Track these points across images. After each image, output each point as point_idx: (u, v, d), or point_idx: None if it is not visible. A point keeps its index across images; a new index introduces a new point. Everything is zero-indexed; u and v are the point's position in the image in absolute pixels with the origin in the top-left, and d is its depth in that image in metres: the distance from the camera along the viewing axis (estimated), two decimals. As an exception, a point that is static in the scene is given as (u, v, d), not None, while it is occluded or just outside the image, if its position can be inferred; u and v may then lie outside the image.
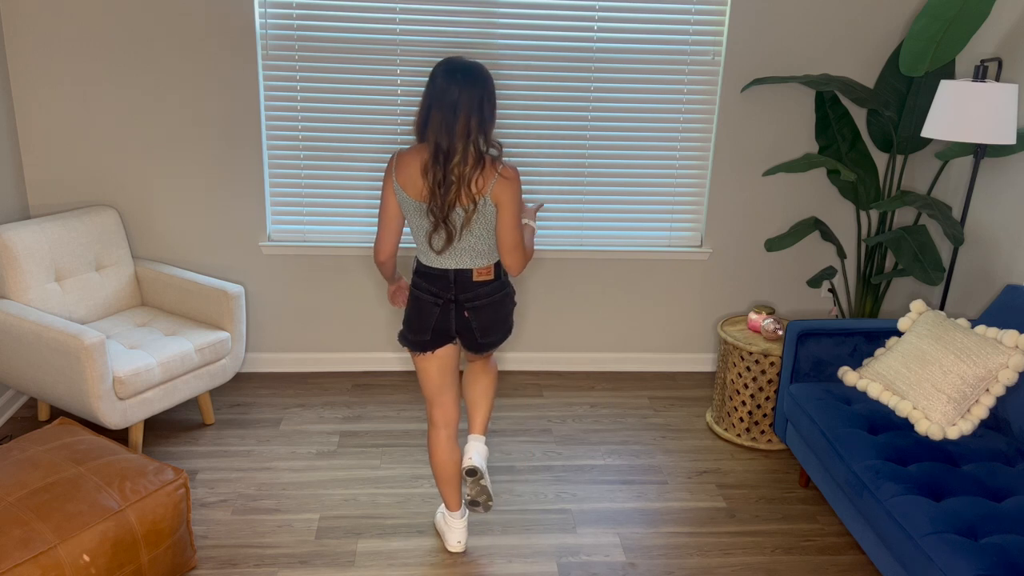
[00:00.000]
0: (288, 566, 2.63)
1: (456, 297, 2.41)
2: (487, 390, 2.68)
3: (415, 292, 2.46)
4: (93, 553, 2.19)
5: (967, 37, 3.06)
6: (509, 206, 2.30)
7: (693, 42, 3.64)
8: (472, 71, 2.24)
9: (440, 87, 2.23)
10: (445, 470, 2.61)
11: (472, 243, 2.35)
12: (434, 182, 2.26)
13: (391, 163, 2.36)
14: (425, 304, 2.44)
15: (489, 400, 2.69)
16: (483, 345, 2.50)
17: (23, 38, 3.36)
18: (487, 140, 2.29)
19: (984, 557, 2.08)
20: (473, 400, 2.68)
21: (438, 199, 2.27)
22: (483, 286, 2.40)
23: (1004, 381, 2.67)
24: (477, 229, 2.33)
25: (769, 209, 3.92)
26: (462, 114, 2.21)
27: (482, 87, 2.24)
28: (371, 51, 3.53)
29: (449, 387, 2.58)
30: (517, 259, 2.36)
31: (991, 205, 3.37)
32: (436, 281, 2.41)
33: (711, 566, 2.71)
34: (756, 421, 3.40)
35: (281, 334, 3.92)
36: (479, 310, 2.42)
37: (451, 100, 2.21)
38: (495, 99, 2.29)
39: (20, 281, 3.11)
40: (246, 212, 3.69)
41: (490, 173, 2.27)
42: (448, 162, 2.24)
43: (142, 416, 3.04)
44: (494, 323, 2.45)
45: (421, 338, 2.48)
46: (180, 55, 3.45)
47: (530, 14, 3.53)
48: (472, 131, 2.24)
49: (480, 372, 2.68)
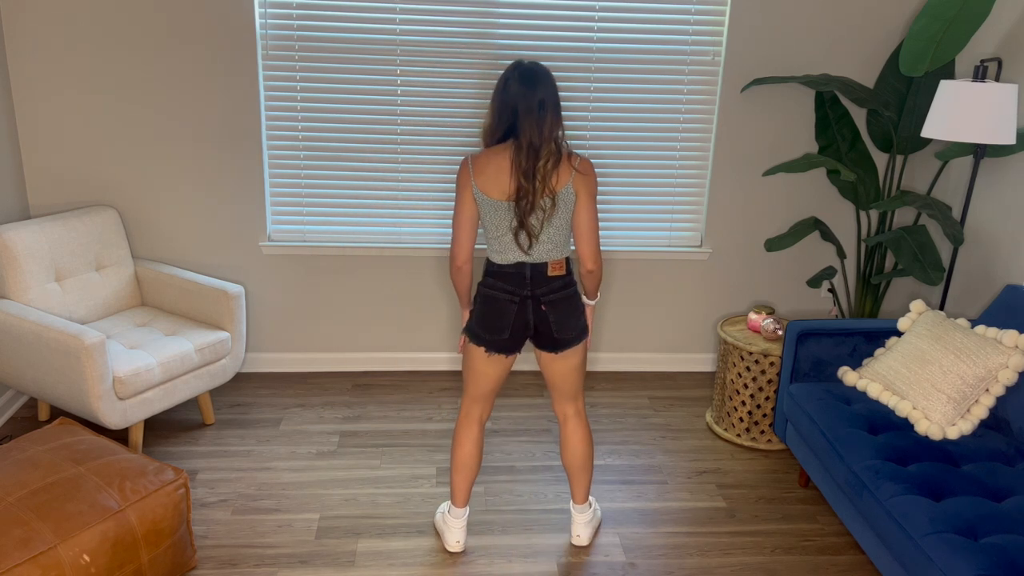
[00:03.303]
0: (288, 566, 2.63)
1: (532, 293, 2.45)
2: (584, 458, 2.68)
3: (488, 292, 2.48)
4: (93, 553, 2.19)
5: (967, 37, 3.06)
6: (587, 196, 2.39)
7: (693, 42, 3.64)
8: (547, 73, 2.36)
9: (520, 90, 2.32)
10: (467, 462, 2.66)
11: (551, 235, 2.41)
12: (522, 181, 2.33)
13: (466, 167, 2.41)
14: (502, 303, 2.46)
15: (589, 457, 2.69)
16: (559, 341, 2.50)
17: (23, 38, 3.36)
18: (563, 136, 2.41)
19: (984, 557, 2.08)
20: (571, 468, 2.70)
21: (529, 196, 2.34)
22: (556, 280, 2.45)
23: (1004, 381, 2.67)
24: (558, 221, 2.40)
25: (769, 209, 3.92)
26: (548, 113, 2.32)
27: (556, 88, 2.36)
28: (371, 51, 3.53)
29: (494, 393, 2.64)
30: (596, 246, 2.45)
31: (991, 205, 3.37)
32: (511, 279, 2.45)
33: (711, 566, 2.71)
34: (756, 421, 3.40)
35: (281, 334, 3.92)
36: (555, 304, 2.46)
37: (537, 100, 2.31)
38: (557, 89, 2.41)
39: (20, 281, 3.11)
40: (246, 212, 3.69)
41: (567, 166, 2.37)
42: (538, 160, 2.33)
43: (142, 416, 3.04)
44: (569, 318, 2.48)
45: (499, 337, 2.48)
46: (180, 55, 3.45)
47: (530, 14, 3.53)
48: (554, 126, 2.35)
49: (571, 434, 2.66)
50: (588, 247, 2.44)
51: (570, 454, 2.68)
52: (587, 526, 2.77)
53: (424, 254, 3.83)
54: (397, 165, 3.70)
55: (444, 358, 4.03)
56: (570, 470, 2.71)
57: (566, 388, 2.60)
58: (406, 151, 3.68)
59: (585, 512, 2.77)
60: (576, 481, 2.72)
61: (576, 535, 2.77)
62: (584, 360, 2.60)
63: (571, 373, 2.58)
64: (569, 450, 2.67)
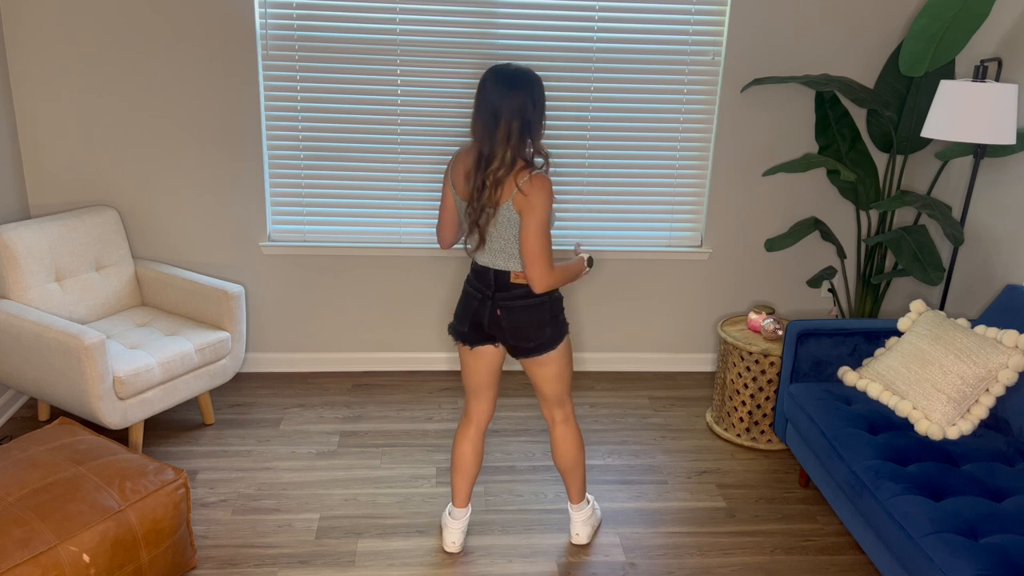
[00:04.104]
0: (288, 566, 2.63)
1: (493, 295, 2.45)
2: (574, 462, 2.69)
3: (465, 285, 2.55)
4: (93, 553, 2.19)
5: (967, 37, 3.06)
6: (530, 215, 2.29)
7: (693, 42, 3.64)
8: (515, 77, 2.27)
9: (483, 93, 2.29)
10: (463, 463, 2.67)
11: (502, 246, 2.39)
12: (472, 185, 2.33)
13: (452, 159, 2.46)
14: (470, 297, 2.51)
15: (579, 463, 2.70)
16: (516, 349, 2.50)
17: (24, 38, 3.36)
18: (534, 146, 2.32)
19: (984, 557, 2.08)
20: (562, 470, 2.73)
21: (474, 201, 2.34)
22: (518, 288, 2.43)
23: (1004, 381, 2.67)
24: (506, 233, 2.36)
25: (769, 209, 3.92)
26: (503, 120, 2.25)
27: (525, 92, 2.26)
28: (371, 51, 3.53)
29: (486, 388, 2.63)
30: (537, 271, 2.33)
31: (991, 205, 3.37)
32: (481, 277, 2.47)
33: (711, 566, 2.71)
34: (756, 421, 3.40)
35: (281, 334, 3.92)
36: (511, 310, 2.44)
37: (493, 105, 2.26)
38: (541, 104, 2.30)
39: (20, 281, 3.11)
40: (246, 212, 3.69)
41: (512, 183, 2.29)
42: (488, 166, 2.29)
43: (142, 416, 3.04)
44: (524, 326, 2.44)
45: (462, 328, 2.54)
46: (180, 55, 3.45)
47: (530, 14, 3.53)
48: (512, 136, 2.26)
49: (560, 439, 2.67)
50: (531, 271, 2.33)
51: (559, 457, 2.69)
52: (584, 524, 2.78)
53: (424, 254, 3.83)
54: (397, 165, 3.70)
55: (444, 358, 4.03)
56: (561, 472, 2.73)
57: (547, 394, 2.59)
58: (406, 151, 3.68)
59: (582, 511, 2.78)
60: (568, 481, 2.73)
61: (575, 534, 2.78)
62: (562, 371, 2.55)
63: (548, 382, 2.56)
64: (558, 453, 2.68)
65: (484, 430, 2.68)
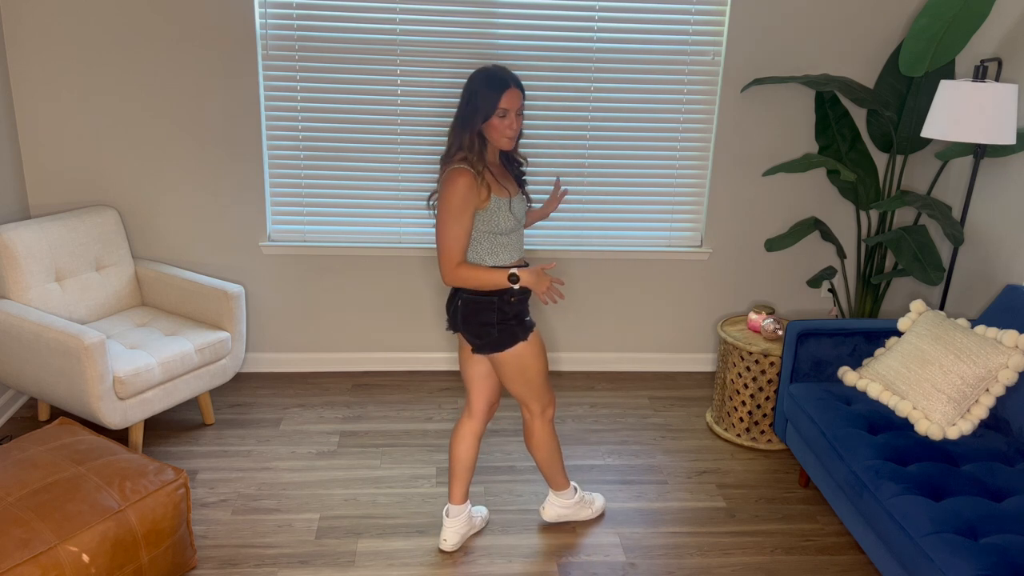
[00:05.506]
0: (288, 566, 2.63)
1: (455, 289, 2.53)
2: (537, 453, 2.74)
3: None
4: (93, 553, 2.19)
5: (967, 37, 3.06)
6: (439, 206, 2.39)
7: (693, 42, 3.64)
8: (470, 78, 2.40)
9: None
10: (454, 458, 2.71)
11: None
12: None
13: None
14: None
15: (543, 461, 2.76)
16: (470, 344, 2.55)
17: (24, 38, 3.36)
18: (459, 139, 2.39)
19: (984, 557, 2.08)
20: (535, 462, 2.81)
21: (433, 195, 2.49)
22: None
23: (1004, 381, 2.67)
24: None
25: (769, 209, 3.92)
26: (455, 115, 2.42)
27: (466, 91, 2.38)
28: (371, 51, 3.53)
29: (477, 379, 2.65)
30: (440, 264, 2.40)
31: (991, 205, 3.37)
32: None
33: (711, 566, 2.71)
34: (756, 421, 3.40)
35: (281, 334, 3.92)
36: (463, 304, 2.49)
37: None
38: (473, 95, 2.35)
39: (20, 281, 3.11)
40: (246, 212, 3.69)
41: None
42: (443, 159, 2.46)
43: (142, 416, 3.04)
44: (467, 323, 2.49)
45: (447, 315, 2.63)
46: (180, 55, 3.45)
47: (530, 14, 3.53)
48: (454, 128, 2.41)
49: (528, 433, 2.72)
50: (439, 262, 2.42)
51: (527, 446, 2.79)
52: (553, 506, 2.84)
53: (424, 254, 3.83)
54: (397, 165, 3.70)
55: (443, 358, 4.03)
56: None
57: (512, 392, 2.62)
58: (406, 151, 3.68)
59: (561, 497, 2.82)
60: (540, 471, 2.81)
61: (541, 507, 2.88)
62: (518, 375, 2.53)
63: (505, 381, 2.58)
64: (526, 443, 2.75)
65: (480, 428, 2.68)
